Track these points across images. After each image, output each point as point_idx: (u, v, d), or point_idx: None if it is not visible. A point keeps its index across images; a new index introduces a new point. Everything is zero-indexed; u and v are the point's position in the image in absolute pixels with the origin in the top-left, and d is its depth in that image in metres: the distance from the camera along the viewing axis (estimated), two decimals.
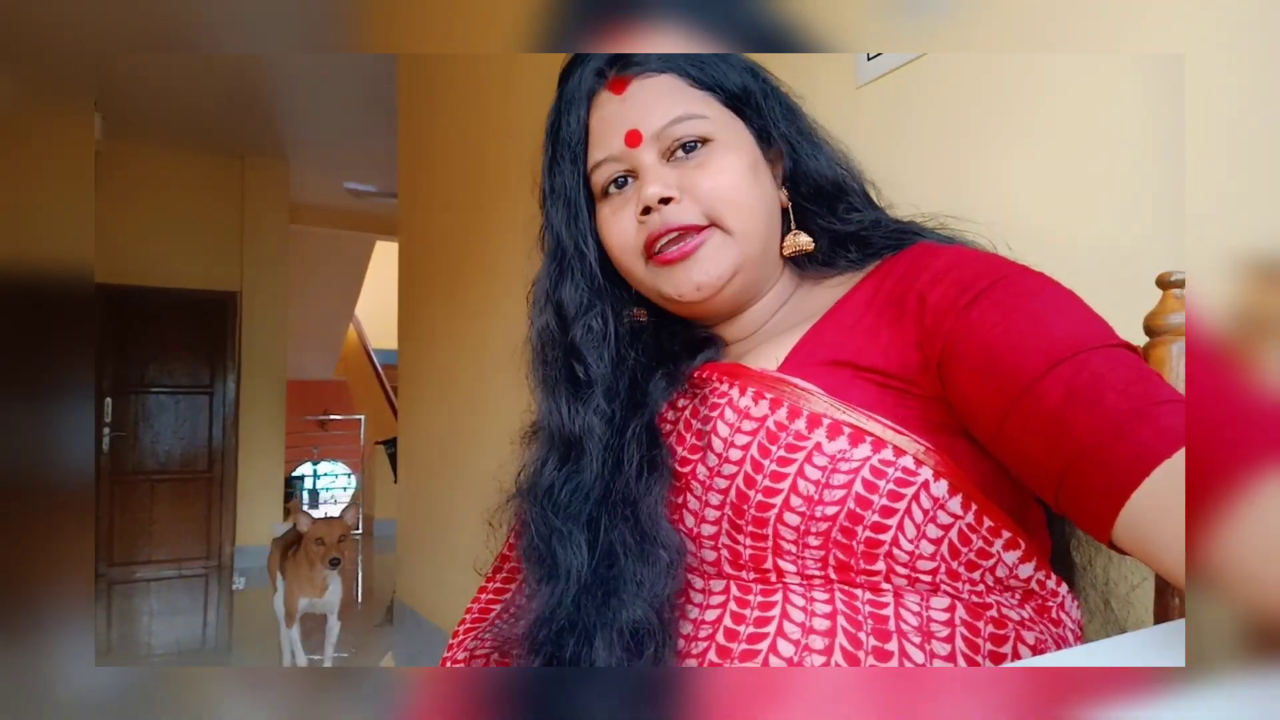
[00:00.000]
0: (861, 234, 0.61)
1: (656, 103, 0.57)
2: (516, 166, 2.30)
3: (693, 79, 0.58)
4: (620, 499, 0.55)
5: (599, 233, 0.61)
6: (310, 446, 7.07)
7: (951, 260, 0.52)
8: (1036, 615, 0.51)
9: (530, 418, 0.68)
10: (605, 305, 0.61)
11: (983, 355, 0.47)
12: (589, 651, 0.51)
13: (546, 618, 0.53)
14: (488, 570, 0.71)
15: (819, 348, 0.55)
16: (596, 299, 0.61)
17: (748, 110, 0.60)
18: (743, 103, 0.60)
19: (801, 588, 0.51)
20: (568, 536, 0.55)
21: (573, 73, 0.62)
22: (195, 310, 4.90)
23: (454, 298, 2.79)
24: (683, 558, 0.54)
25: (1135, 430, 0.40)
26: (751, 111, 0.60)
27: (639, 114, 0.57)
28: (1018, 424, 0.45)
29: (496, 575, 0.71)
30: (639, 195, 0.57)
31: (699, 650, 0.52)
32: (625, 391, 0.59)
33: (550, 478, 0.58)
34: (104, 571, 4.57)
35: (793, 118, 0.63)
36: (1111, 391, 0.42)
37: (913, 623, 0.49)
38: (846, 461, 0.49)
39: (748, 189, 0.57)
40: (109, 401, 4.65)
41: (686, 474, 0.55)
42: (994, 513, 0.49)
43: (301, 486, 6.74)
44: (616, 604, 0.52)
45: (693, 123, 0.57)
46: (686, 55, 0.59)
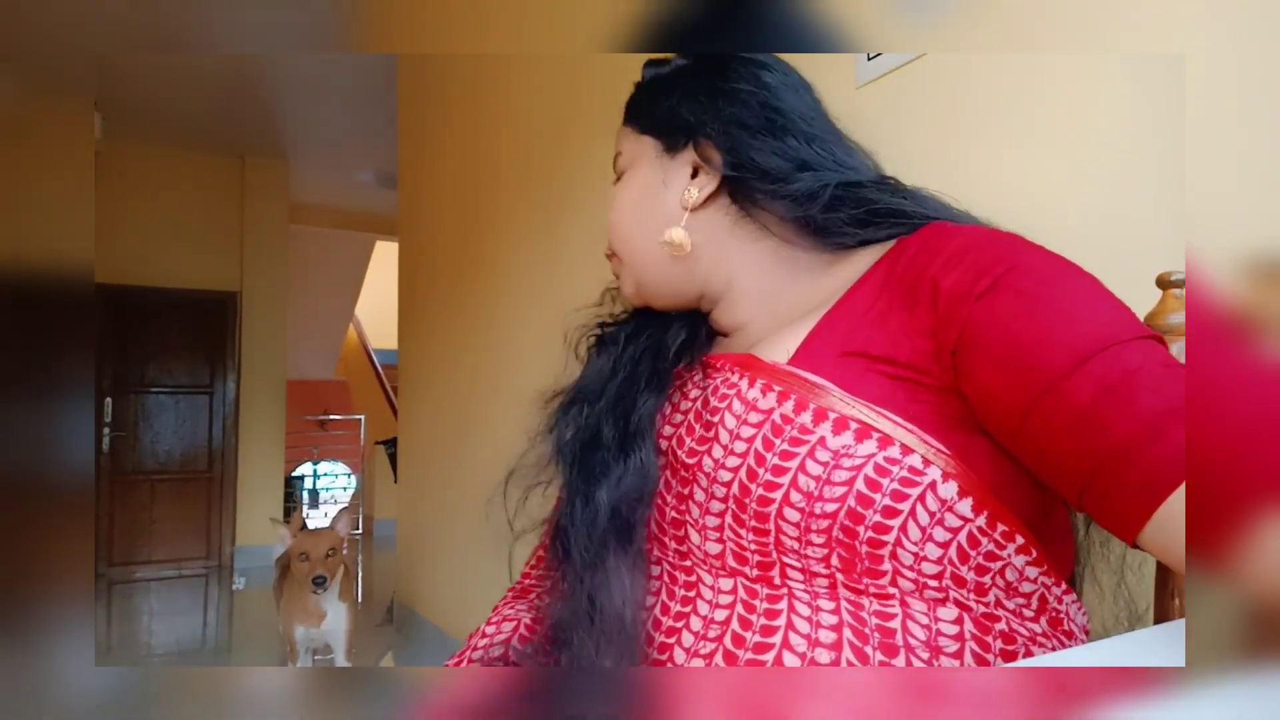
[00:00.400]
0: (872, 207, 0.59)
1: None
2: (516, 166, 2.29)
3: (636, 123, 0.66)
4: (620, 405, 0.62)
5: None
6: (310, 446, 7.06)
7: (965, 243, 0.50)
8: (1050, 628, 0.50)
9: (531, 419, 0.69)
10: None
11: (1003, 347, 0.45)
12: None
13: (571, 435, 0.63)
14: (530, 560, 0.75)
15: (831, 337, 0.54)
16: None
17: (657, 126, 0.64)
18: (653, 124, 0.65)
19: (807, 594, 0.50)
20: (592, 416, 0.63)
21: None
22: (195, 310, 4.89)
23: (454, 298, 2.79)
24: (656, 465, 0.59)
25: (1172, 431, 0.39)
26: (661, 124, 0.64)
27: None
28: (1042, 420, 0.44)
29: (532, 570, 0.73)
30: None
31: (707, 651, 0.51)
32: (645, 341, 0.67)
33: (575, 397, 0.66)
34: (104, 571, 4.57)
35: (726, 108, 0.61)
36: (1145, 389, 0.41)
37: (920, 636, 0.47)
38: (850, 458, 0.47)
39: (628, 218, 0.65)
40: (109, 401, 4.65)
41: (693, 465, 0.55)
42: (1007, 517, 0.47)
43: (301, 486, 6.73)
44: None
45: (618, 160, 0.67)
46: (637, 103, 0.67)
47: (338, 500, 6.95)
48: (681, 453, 0.57)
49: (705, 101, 0.61)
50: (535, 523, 0.71)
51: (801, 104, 0.62)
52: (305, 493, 6.77)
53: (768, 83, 0.62)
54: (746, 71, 0.62)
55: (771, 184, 0.59)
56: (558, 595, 0.61)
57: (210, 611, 4.10)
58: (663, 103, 0.64)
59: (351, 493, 7.04)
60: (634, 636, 0.54)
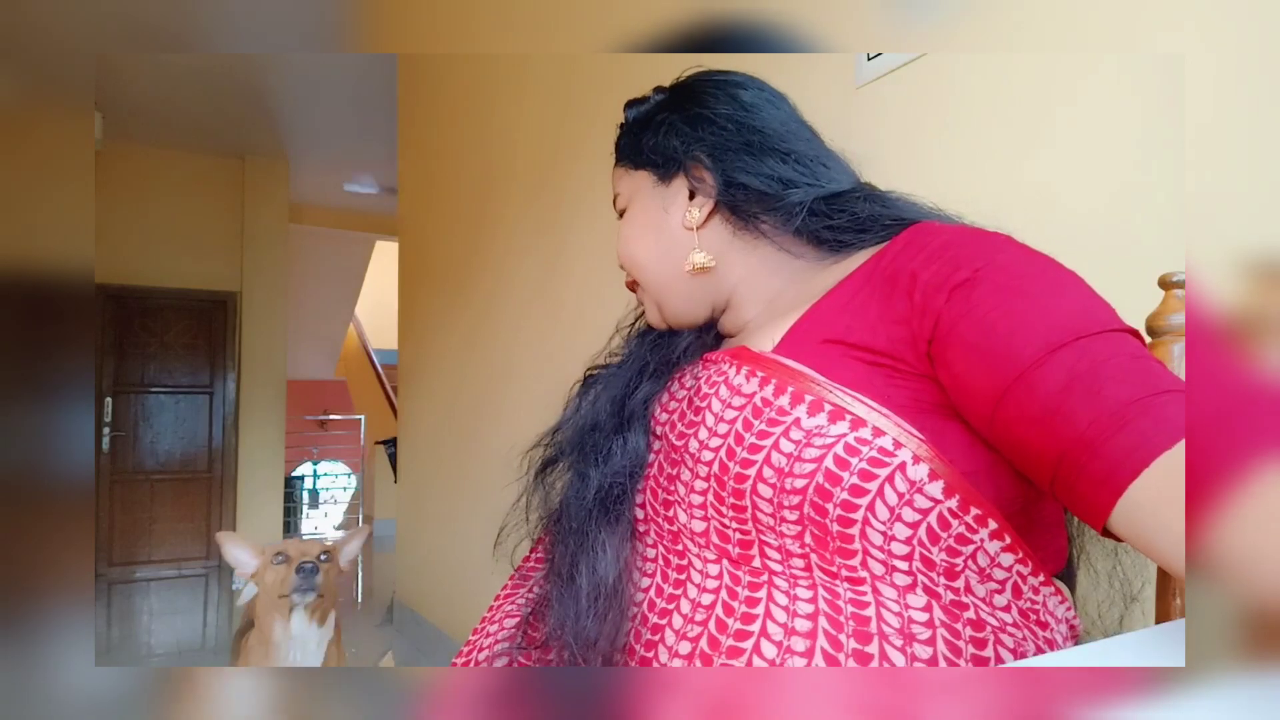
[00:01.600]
0: (853, 215, 0.62)
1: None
2: (516, 166, 2.29)
3: (628, 161, 0.71)
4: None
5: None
6: (310, 446, 7.06)
7: (949, 239, 0.52)
8: (1021, 618, 0.50)
9: (535, 418, 0.72)
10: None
11: (977, 336, 0.47)
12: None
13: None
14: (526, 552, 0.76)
15: (814, 327, 0.56)
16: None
17: (648, 160, 0.68)
18: (644, 158, 0.68)
19: (786, 581, 0.51)
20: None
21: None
22: (195, 310, 4.89)
23: (454, 298, 2.79)
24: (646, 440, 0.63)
25: (1135, 420, 0.40)
26: (651, 157, 0.68)
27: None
28: (1013, 409, 0.45)
29: (532, 554, 0.74)
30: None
31: (694, 634, 0.53)
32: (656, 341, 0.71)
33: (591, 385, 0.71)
34: (104, 571, 4.57)
35: (708, 134, 0.65)
36: (1111, 380, 0.42)
37: (894, 624, 0.48)
38: (821, 437, 0.49)
39: (639, 249, 0.69)
40: (109, 401, 4.65)
41: (681, 446, 0.58)
42: (981, 502, 0.48)
43: (301, 486, 6.73)
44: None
45: (617, 200, 0.72)
46: (625, 143, 0.71)
47: (337, 500, 6.94)
48: (673, 436, 0.60)
49: (688, 130, 0.65)
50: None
51: (778, 119, 0.66)
52: (305, 493, 6.77)
53: (745, 101, 0.66)
54: (723, 94, 0.66)
55: (758, 201, 0.63)
56: (549, 566, 0.64)
57: (210, 611, 4.11)
58: (648, 137, 0.68)
59: (351, 493, 7.04)
60: (619, 605, 0.57)
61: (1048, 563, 0.54)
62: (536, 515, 0.68)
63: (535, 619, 0.67)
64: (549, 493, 0.67)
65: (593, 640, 0.55)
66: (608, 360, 0.74)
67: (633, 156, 0.70)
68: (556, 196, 2.05)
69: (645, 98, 0.70)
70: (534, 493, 0.68)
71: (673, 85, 0.70)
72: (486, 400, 2.50)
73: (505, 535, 0.72)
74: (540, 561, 0.71)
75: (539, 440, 0.70)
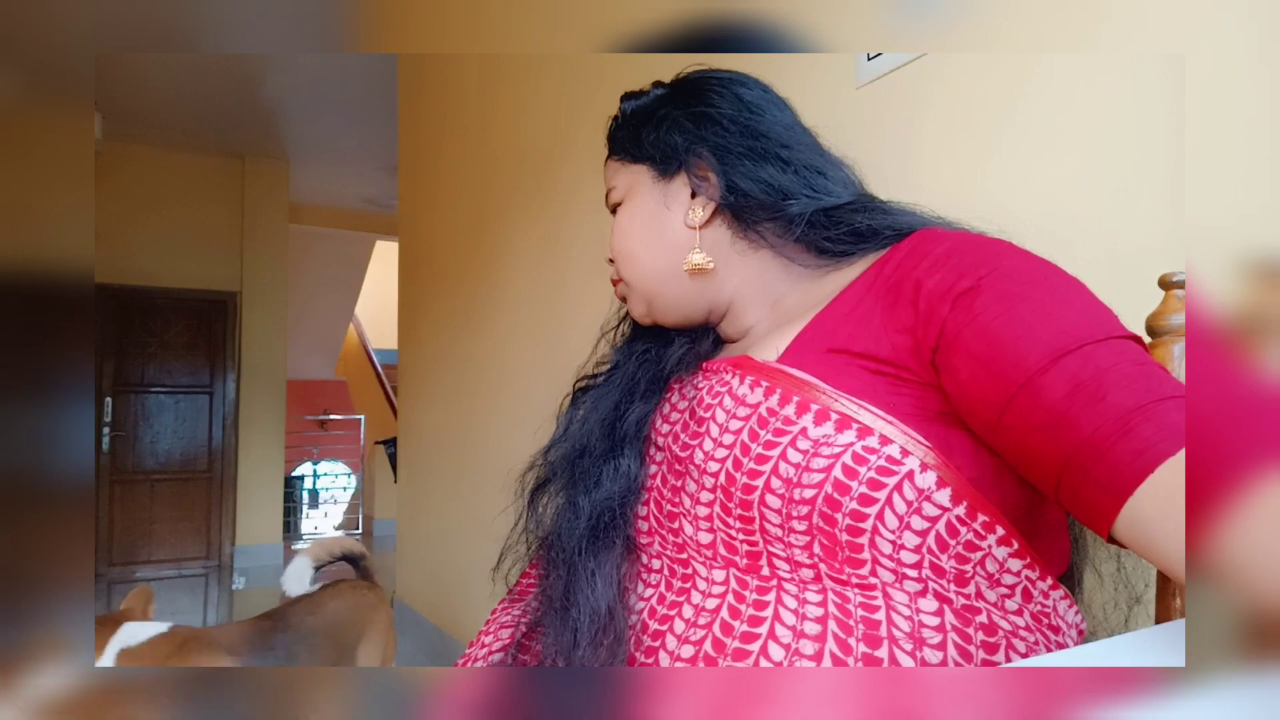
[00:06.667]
0: (852, 227, 0.62)
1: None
2: (516, 166, 2.29)
3: (625, 154, 0.69)
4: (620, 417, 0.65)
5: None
6: (310, 446, 7.06)
7: (951, 246, 0.52)
8: (1034, 622, 0.50)
9: (535, 413, 0.72)
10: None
11: (982, 344, 0.47)
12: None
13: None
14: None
15: (817, 336, 0.56)
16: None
17: (648, 154, 0.67)
18: (644, 152, 0.67)
19: (795, 586, 0.51)
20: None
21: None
22: (195, 310, 4.89)
23: (454, 298, 2.79)
24: (641, 455, 0.62)
25: (1139, 426, 0.40)
26: (652, 152, 0.66)
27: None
28: (1017, 416, 0.45)
29: (523, 579, 0.74)
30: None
31: (697, 638, 0.53)
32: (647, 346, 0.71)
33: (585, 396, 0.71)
34: (104, 571, 4.57)
35: (711, 134, 0.64)
36: (1115, 387, 0.42)
37: (904, 628, 0.48)
38: (829, 446, 0.49)
39: (636, 244, 0.67)
40: (109, 401, 4.65)
41: (685, 458, 0.57)
42: (988, 509, 0.48)
43: (301, 486, 6.72)
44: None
45: (611, 194, 0.70)
46: (621, 136, 0.69)
47: (337, 500, 6.94)
48: (676, 447, 0.59)
49: (691, 126, 0.64)
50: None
51: (780, 124, 0.65)
52: (305, 493, 6.77)
53: (747, 101, 0.65)
54: (728, 93, 0.65)
55: (758, 209, 0.63)
56: (542, 594, 0.64)
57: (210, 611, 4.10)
58: (649, 131, 0.66)
59: (351, 493, 7.03)
60: (615, 631, 0.56)
61: (1052, 566, 0.54)
62: (532, 539, 0.68)
63: (530, 636, 0.67)
64: (543, 517, 0.67)
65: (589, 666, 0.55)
66: (596, 370, 0.73)
67: (631, 150, 0.68)
68: (556, 196, 2.05)
69: (644, 91, 0.69)
70: (528, 517, 0.68)
71: (674, 81, 0.69)
72: (486, 400, 2.50)
73: (505, 556, 0.71)
74: (532, 587, 0.71)
75: (531, 462, 0.70)
